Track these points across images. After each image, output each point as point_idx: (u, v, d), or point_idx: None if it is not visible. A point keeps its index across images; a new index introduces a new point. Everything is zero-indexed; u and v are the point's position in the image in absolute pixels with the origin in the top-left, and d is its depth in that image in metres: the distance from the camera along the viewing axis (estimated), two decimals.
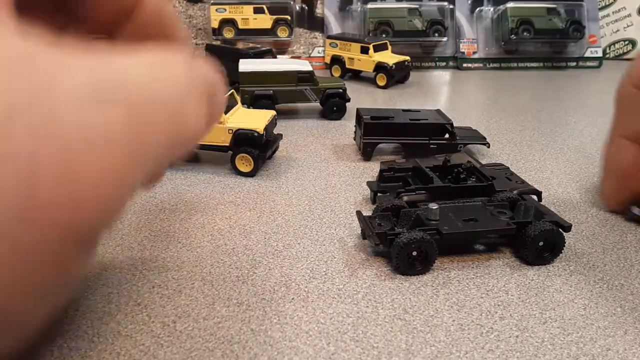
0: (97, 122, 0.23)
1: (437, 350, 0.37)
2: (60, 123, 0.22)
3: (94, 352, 0.36)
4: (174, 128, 0.29)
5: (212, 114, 0.36)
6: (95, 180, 0.23)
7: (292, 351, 0.37)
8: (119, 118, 0.24)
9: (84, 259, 0.26)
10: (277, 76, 0.91)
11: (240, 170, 0.67)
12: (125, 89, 0.25)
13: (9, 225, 0.21)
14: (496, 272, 0.47)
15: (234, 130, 0.66)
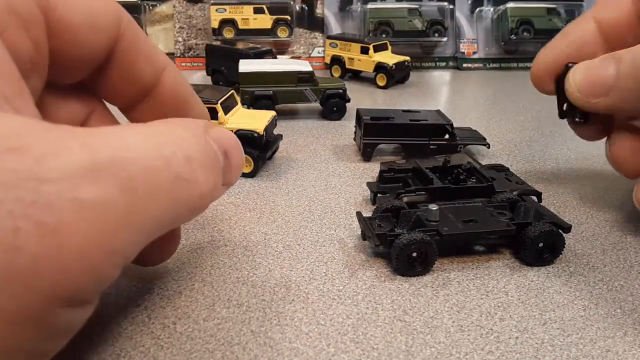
0: (86, 195, 0.25)
1: (437, 351, 0.37)
2: (47, 196, 0.24)
3: (94, 353, 0.36)
4: (179, 195, 0.31)
5: (228, 177, 0.38)
6: (80, 246, 0.25)
7: (292, 352, 0.37)
8: (110, 190, 0.26)
9: (75, 319, 0.28)
10: (277, 76, 0.91)
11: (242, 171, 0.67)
12: (119, 163, 0.27)
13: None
14: (496, 273, 0.47)
15: (234, 130, 0.66)
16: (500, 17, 1.41)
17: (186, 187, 0.31)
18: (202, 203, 0.34)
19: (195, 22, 1.34)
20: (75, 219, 0.25)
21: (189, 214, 0.34)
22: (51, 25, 0.34)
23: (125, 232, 0.27)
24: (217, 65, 1.11)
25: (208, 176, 0.34)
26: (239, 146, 0.39)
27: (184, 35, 1.33)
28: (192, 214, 0.34)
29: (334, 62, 1.25)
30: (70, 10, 0.35)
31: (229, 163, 0.37)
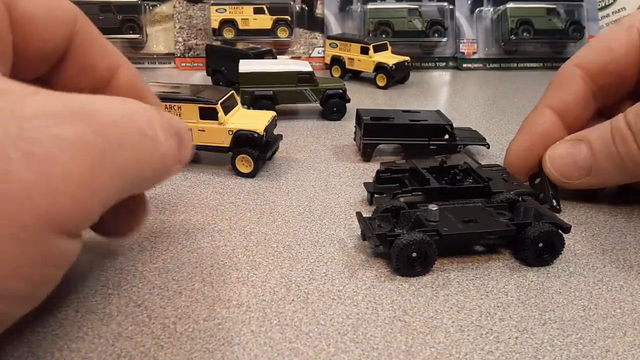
0: (64, 133, 0.28)
1: (437, 351, 0.37)
2: (31, 132, 0.27)
3: (95, 354, 0.36)
4: (143, 149, 0.34)
5: (182, 154, 0.41)
6: (65, 177, 0.28)
7: (292, 352, 0.37)
8: (86, 131, 0.29)
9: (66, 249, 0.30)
10: (277, 77, 0.91)
11: (241, 171, 0.67)
12: (91, 111, 0.30)
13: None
14: (496, 274, 0.47)
15: (234, 131, 0.66)
16: (500, 18, 1.41)
17: (149, 142, 0.34)
18: (163, 164, 0.37)
19: (195, 22, 1.34)
20: (59, 152, 0.28)
21: (152, 173, 0.36)
22: (14, 17, 0.36)
23: (103, 172, 0.30)
24: (217, 65, 1.11)
25: (168, 138, 0.37)
26: (188, 132, 0.42)
27: (184, 36, 1.33)
28: (155, 174, 0.37)
29: (334, 63, 1.25)
30: (31, 3, 0.37)
31: (181, 143, 0.40)
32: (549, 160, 0.59)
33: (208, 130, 0.66)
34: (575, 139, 0.58)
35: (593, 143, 0.56)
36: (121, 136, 0.32)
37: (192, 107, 0.65)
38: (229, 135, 0.66)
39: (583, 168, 0.56)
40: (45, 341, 0.37)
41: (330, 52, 1.26)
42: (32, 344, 0.37)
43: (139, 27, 1.30)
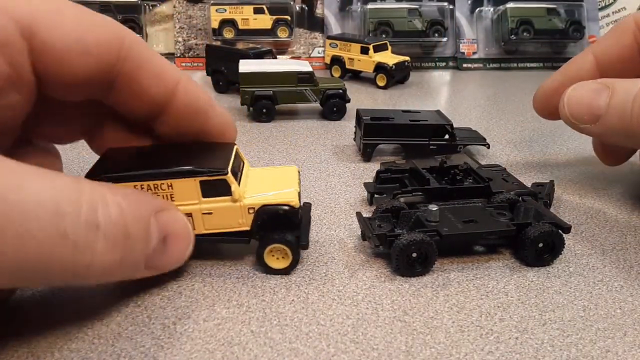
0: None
1: (437, 351, 0.37)
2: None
3: (95, 354, 0.36)
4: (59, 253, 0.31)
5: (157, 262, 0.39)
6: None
7: (292, 353, 0.37)
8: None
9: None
10: (277, 77, 0.91)
11: (272, 266, 0.46)
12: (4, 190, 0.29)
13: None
14: (496, 274, 0.47)
15: (256, 207, 0.45)
16: (500, 17, 1.41)
17: (71, 249, 0.32)
18: (89, 273, 0.33)
19: (195, 22, 1.34)
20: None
21: (67, 276, 0.33)
22: (35, 48, 0.36)
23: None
24: (217, 65, 1.11)
25: (111, 251, 0.34)
26: (185, 238, 0.41)
27: (184, 36, 1.33)
28: (71, 278, 0.34)
29: (334, 62, 1.25)
30: (55, 36, 0.37)
31: (166, 249, 0.39)
32: (567, 96, 0.57)
33: (217, 212, 0.44)
34: (602, 85, 0.55)
35: (615, 94, 0.54)
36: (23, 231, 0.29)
37: (189, 183, 0.43)
38: (249, 215, 0.45)
39: (593, 115, 0.55)
40: (45, 341, 0.37)
41: (330, 52, 1.26)
42: (32, 344, 0.37)
43: (139, 27, 1.30)
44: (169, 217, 0.40)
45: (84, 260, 0.32)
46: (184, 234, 0.41)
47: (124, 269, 0.36)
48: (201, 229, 0.44)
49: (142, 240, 0.37)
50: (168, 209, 0.40)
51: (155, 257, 0.39)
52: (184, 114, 0.44)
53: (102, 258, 0.33)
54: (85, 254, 0.32)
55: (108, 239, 0.34)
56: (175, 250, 0.40)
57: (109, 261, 0.34)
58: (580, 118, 0.56)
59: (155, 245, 0.38)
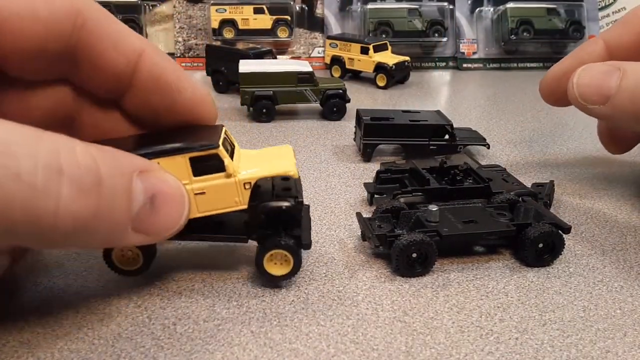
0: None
1: (437, 352, 0.37)
2: None
3: (95, 354, 0.36)
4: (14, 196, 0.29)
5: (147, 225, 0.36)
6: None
7: (292, 353, 0.37)
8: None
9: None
10: (277, 77, 0.91)
11: (272, 273, 0.44)
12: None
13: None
14: (496, 274, 0.47)
15: (252, 182, 0.42)
16: (500, 17, 1.41)
17: (29, 191, 0.29)
18: (58, 221, 0.31)
19: (195, 22, 1.34)
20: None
21: (35, 225, 0.30)
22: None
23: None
24: (217, 65, 1.11)
25: (80, 197, 0.31)
26: (178, 199, 0.37)
27: (184, 36, 1.33)
28: (42, 228, 0.31)
29: (334, 63, 1.25)
30: (4, 5, 0.35)
31: (155, 211, 0.36)
32: (576, 76, 0.55)
33: (211, 191, 0.41)
34: (614, 67, 0.53)
35: (626, 76, 0.52)
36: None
37: (179, 161, 0.40)
38: (246, 191, 0.42)
39: (603, 96, 0.53)
40: (45, 341, 0.37)
41: (330, 52, 1.26)
42: (32, 344, 0.37)
43: (139, 27, 1.30)
44: (156, 177, 0.37)
45: (49, 206, 0.30)
46: (176, 194, 0.38)
47: (104, 225, 0.33)
48: (195, 212, 0.41)
49: (123, 195, 0.34)
50: (154, 169, 0.38)
51: (144, 219, 0.36)
52: (151, 88, 0.41)
53: (69, 204, 0.31)
54: (48, 199, 0.30)
55: (75, 185, 0.31)
56: (167, 212, 0.37)
57: (79, 209, 0.31)
58: (590, 99, 0.54)
59: (142, 205, 0.35)
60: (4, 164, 0.29)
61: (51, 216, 0.30)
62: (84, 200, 0.32)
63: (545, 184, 0.60)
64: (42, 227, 0.31)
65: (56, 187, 0.30)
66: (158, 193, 0.36)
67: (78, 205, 0.31)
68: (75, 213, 0.31)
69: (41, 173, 0.30)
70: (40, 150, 0.30)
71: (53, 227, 0.31)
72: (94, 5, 0.39)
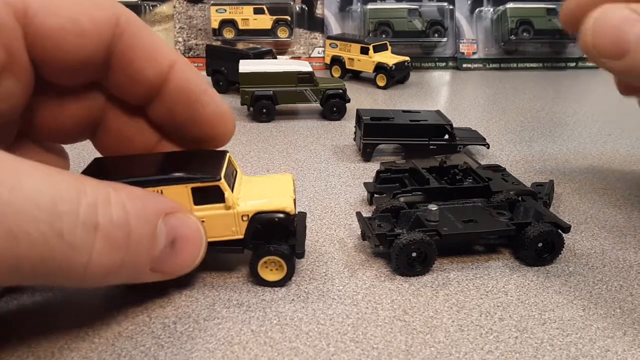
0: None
1: (437, 351, 0.37)
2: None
3: (95, 354, 0.36)
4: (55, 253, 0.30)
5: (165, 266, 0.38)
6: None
7: (292, 352, 0.37)
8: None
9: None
10: (277, 77, 0.91)
11: (265, 279, 0.44)
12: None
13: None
14: (495, 273, 0.47)
15: (250, 214, 0.43)
16: (499, 18, 1.41)
17: (67, 249, 0.31)
18: (87, 274, 0.33)
19: (195, 22, 1.34)
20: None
21: (63, 276, 0.32)
22: (30, 32, 0.35)
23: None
24: (217, 65, 1.11)
25: (111, 252, 0.33)
26: (196, 241, 0.39)
27: (184, 36, 1.33)
28: (69, 278, 0.33)
29: (334, 63, 1.26)
30: (50, 17, 0.36)
31: (174, 253, 0.38)
32: (593, 20, 0.46)
33: (210, 220, 0.43)
34: (636, 13, 0.45)
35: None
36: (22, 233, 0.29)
37: (180, 190, 0.41)
38: (243, 223, 0.44)
39: (620, 48, 0.45)
40: (45, 341, 0.37)
41: (330, 52, 1.26)
42: (32, 344, 0.37)
43: None
44: (179, 219, 0.38)
45: (81, 261, 0.32)
46: (195, 237, 0.39)
47: (126, 271, 0.35)
48: None
49: (147, 242, 0.36)
50: (179, 211, 0.39)
51: (163, 260, 0.38)
52: (178, 98, 0.42)
53: (100, 259, 0.33)
54: (82, 255, 0.32)
55: (107, 240, 0.33)
56: (185, 255, 0.39)
57: (108, 262, 0.33)
58: (604, 50, 0.47)
59: (163, 248, 0.37)
60: (50, 224, 0.30)
61: (82, 269, 0.32)
62: (114, 255, 0.33)
63: (545, 184, 0.60)
64: (70, 277, 0.33)
65: (91, 242, 0.32)
66: (180, 236, 0.38)
67: (107, 258, 0.33)
68: (104, 265, 0.33)
69: (80, 230, 0.31)
70: (81, 205, 0.32)
71: (81, 278, 0.33)
72: (131, 15, 0.41)
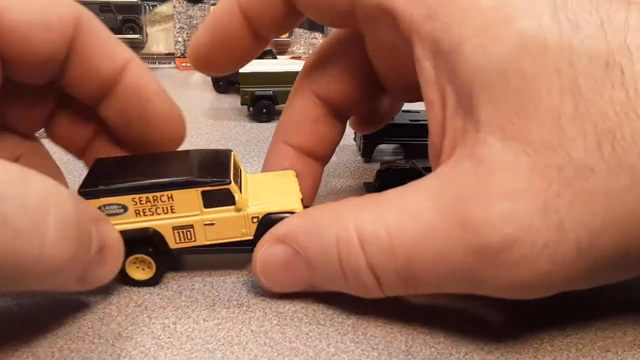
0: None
1: (437, 351, 0.37)
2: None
3: (95, 354, 0.36)
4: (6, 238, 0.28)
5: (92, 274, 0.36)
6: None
7: (292, 352, 0.37)
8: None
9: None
10: (277, 77, 0.91)
11: None
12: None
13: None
14: None
15: (260, 216, 0.44)
16: None
17: (13, 236, 0.28)
18: (36, 268, 0.30)
19: (195, 22, 1.34)
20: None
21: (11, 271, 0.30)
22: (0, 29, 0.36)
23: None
24: None
25: (63, 243, 0.31)
26: (119, 253, 0.38)
27: (184, 36, 1.33)
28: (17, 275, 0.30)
29: None
30: (19, 12, 0.36)
31: (102, 261, 0.36)
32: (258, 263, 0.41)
33: (220, 222, 0.43)
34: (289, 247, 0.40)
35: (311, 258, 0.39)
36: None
37: (191, 194, 0.41)
38: (253, 224, 0.44)
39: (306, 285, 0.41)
40: (45, 341, 0.37)
41: None
42: (32, 344, 0.37)
43: (138, 27, 1.30)
44: (107, 228, 0.37)
45: (32, 251, 0.29)
46: (119, 248, 0.39)
47: (73, 271, 0.34)
48: (203, 240, 0.43)
49: (89, 241, 0.34)
50: (105, 220, 0.39)
51: (92, 268, 0.35)
52: (130, 97, 0.43)
53: (52, 250, 0.30)
54: (33, 244, 0.29)
55: (60, 230, 0.31)
56: (109, 264, 0.38)
57: (59, 255, 0.31)
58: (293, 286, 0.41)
59: (94, 254, 0.35)
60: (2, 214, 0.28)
61: (32, 262, 0.30)
62: (66, 245, 0.31)
63: None
64: (18, 272, 0.30)
65: (42, 231, 0.30)
66: (107, 244, 0.37)
67: (59, 250, 0.31)
68: (55, 257, 0.31)
69: (28, 217, 0.29)
70: (29, 192, 0.30)
71: (30, 272, 0.30)
72: (90, 14, 0.41)
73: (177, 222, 0.42)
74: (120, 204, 0.40)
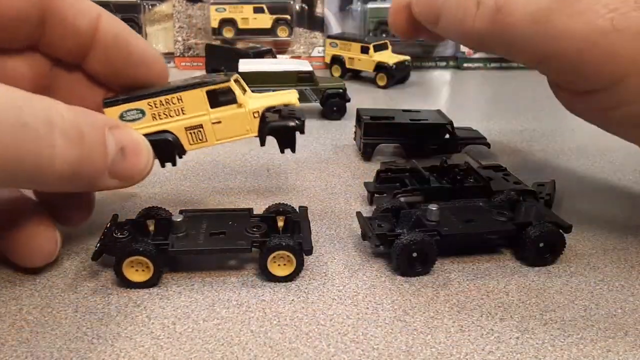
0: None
1: (437, 351, 0.37)
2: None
3: (94, 354, 0.36)
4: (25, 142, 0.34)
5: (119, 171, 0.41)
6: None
7: (292, 352, 0.37)
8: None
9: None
10: (277, 76, 0.91)
11: (275, 274, 0.45)
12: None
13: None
14: (496, 273, 0.47)
15: (260, 111, 0.50)
16: None
17: (33, 138, 0.34)
18: (54, 166, 0.36)
19: (194, 21, 1.34)
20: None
21: (33, 169, 0.35)
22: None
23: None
24: (216, 64, 1.11)
25: (70, 147, 0.36)
26: (143, 148, 0.43)
27: (183, 35, 1.33)
28: (39, 175, 0.36)
29: (334, 62, 1.25)
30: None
31: (125, 159, 0.42)
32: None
33: (225, 120, 0.49)
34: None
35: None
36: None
37: (197, 94, 0.48)
38: (255, 120, 0.50)
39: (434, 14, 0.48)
40: (45, 341, 0.37)
41: (331, 51, 1.26)
42: (31, 343, 0.37)
43: (138, 27, 1.30)
44: (123, 131, 0.42)
45: (49, 153, 0.35)
46: (141, 145, 0.43)
47: (86, 169, 0.38)
48: (213, 140, 0.49)
49: (100, 147, 0.39)
50: (122, 126, 0.43)
51: (117, 166, 0.41)
52: (110, 44, 0.46)
53: (63, 152, 0.36)
54: (48, 147, 0.35)
55: (65, 135, 0.36)
56: (135, 160, 0.42)
57: (69, 157, 0.36)
58: (427, 18, 0.49)
59: (115, 156, 0.41)
60: (15, 115, 0.33)
61: (49, 162, 0.35)
62: (72, 150, 0.37)
63: (546, 183, 0.60)
64: (42, 171, 0.36)
65: (52, 137, 0.35)
66: (126, 145, 0.42)
67: (68, 153, 0.36)
68: (67, 160, 0.36)
69: (42, 122, 0.34)
70: (35, 103, 0.35)
71: (51, 172, 0.36)
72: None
73: (188, 122, 0.48)
74: (138, 108, 0.47)
